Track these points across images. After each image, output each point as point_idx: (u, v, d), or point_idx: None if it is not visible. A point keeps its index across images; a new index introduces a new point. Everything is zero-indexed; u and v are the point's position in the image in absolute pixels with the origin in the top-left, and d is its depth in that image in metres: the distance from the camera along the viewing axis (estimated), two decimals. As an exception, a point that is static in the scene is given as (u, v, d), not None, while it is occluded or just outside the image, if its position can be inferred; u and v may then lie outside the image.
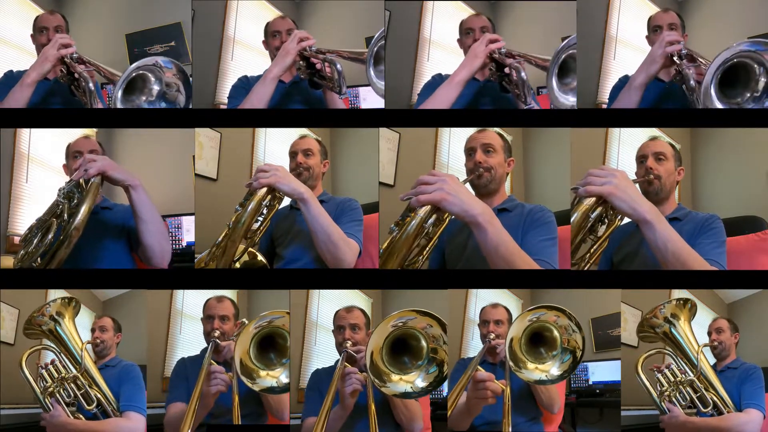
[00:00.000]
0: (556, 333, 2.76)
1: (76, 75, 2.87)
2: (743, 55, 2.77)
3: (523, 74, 2.84)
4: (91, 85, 2.86)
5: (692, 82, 2.79)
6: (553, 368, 2.76)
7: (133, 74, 2.86)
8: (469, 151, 2.83)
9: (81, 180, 2.76)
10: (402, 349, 2.74)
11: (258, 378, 2.84)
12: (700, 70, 2.82)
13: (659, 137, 2.86)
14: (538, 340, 2.78)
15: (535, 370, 2.76)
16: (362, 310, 2.89)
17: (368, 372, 2.71)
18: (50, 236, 2.73)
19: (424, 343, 2.73)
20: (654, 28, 2.96)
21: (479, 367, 2.79)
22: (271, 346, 2.87)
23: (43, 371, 2.84)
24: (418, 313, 2.72)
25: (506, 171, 2.85)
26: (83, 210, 2.72)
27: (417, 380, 2.74)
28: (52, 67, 2.88)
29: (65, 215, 2.73)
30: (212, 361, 2.83)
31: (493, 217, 2.63)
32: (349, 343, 2.82)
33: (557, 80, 2.86)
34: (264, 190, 2.79)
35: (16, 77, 2.93)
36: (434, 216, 2.63)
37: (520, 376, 2.75)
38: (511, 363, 2.75)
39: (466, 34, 2.97)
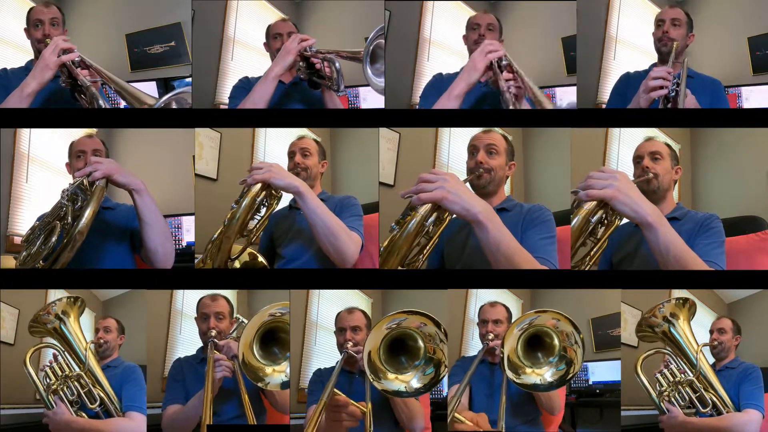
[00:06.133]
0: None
1: (79, 82, 2.82)
2: None
3: (511, 95, 2.83)
4: (94, 89, 2.82)
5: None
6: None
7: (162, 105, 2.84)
8: (472, 149, 2.83)
9: (85, 182, 2.74)
10: (400, 349, 2.75)
11: (266, 376, 2.85)
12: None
13: (654, 137, 2.86)
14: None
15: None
16: (363, 312, 2.89)
17: (366, 370, 2.72)
18: (54, 239, 2.72)
19: (421, 343, 2.74)
20: (658, 23, 2.96)
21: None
22: (274, 340, 2.88)
23: (47, 368, 2.84)
24: (408, 314, 2.73)
25: (506, 174, 2.85)
26: (87, 214, 2.71)
27: (412, 380, 2.75)
28: (53, 75, 2.82)
29: (69, 218, 2.72)
30: (214, 351, 2.83)
31: (494, 214, 2.63)
32: (350, 344, 2.83)
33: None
34: (258, 186, 2.79)
35: (10, 76, 2.93)
36: (435, 214, 2.63)
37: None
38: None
39: (472, 29, 2.97)
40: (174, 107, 2.84)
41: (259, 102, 2.90)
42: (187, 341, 2.96)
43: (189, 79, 2.95)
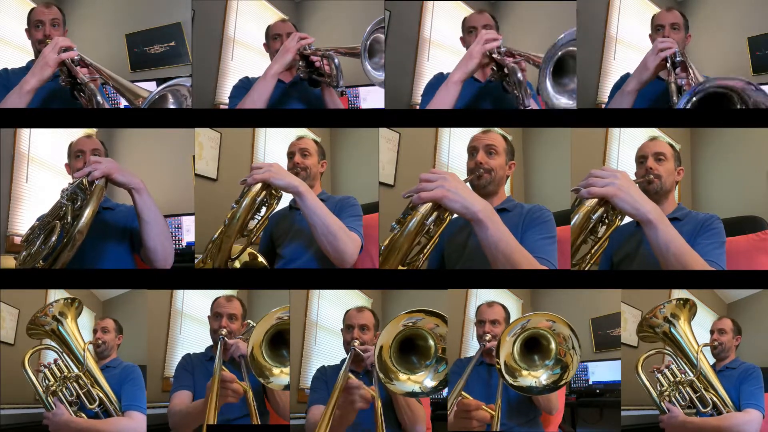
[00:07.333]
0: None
1: (78, 80, 2.82)
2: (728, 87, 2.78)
3: (519, 75, 2.83)
4: (93, 86, 2.82)
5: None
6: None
7: (157, 96, 2.84)
8: (472, 150, 2.83)
9: (85, 181, 2.75)
10: (410, 349, 2.75)
11: (272, 376, 2.85)
12: (689, 81, 2.82)
13: (659, 137, 2.87)
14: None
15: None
16: (373, 312, 2.88)
17: (376, 367, 2.72)
18: (53, 239, 2.72)
19: (432, 342, 2.74)
20: (656, 27, 2.97)
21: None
22: (283, 343, 2.88)
23: (46, 370, 2.84)
24: (425, 314, 2.74)
25: (506, 174, 2.86)
26: (87, 213, 2.71)
27: (426, 380, 2.75)
28: (52, 72, 2.83)
29: (68, 217, 2.72)
30: (223, 367, 2.83)
31: (494, 213, 2.64)
32: (357, 342, 2.83)
33: (551, 80, 2.85)
34: (258, 186, 2.80)
35: (11, 76, 2.93)
36: (435, 213, 2.64)
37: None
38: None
39: (469, 32, 2.98)
40: (171, 104, 2.84)
41: (258, 100, 2.91)
42: (187, 341, 2.96)
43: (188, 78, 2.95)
